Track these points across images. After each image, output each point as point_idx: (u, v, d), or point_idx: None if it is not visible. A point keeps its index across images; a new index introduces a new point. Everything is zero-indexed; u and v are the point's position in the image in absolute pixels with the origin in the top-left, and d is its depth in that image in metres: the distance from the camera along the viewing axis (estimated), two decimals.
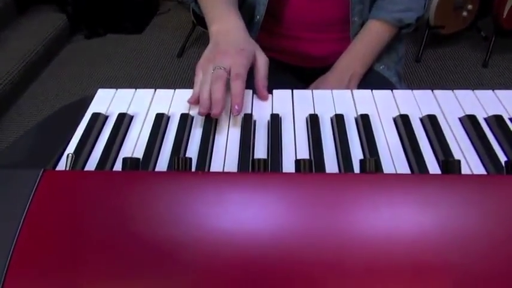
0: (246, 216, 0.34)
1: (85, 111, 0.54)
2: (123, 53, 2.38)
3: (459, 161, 0.38)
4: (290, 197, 0.35)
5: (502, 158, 0.45)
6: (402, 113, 0.51)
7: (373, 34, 0.77)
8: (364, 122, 0.49)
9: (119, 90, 0.57)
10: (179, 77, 2.18)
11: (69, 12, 2.42)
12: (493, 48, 2.09)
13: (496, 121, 0.49)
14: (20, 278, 0.30)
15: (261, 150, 0.47)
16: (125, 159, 0.40)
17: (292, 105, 0.54)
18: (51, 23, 2.35)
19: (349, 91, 0.56)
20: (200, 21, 2.23)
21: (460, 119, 0.51)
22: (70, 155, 0.41)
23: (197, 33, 2.36)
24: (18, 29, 2.28)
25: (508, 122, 0.49)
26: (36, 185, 0.34)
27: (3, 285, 0.30)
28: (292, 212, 0.34)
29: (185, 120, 0.51)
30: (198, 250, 0.32)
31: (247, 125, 0.50)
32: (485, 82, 2.00)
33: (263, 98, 0.56)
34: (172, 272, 0.31)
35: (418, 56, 2.14)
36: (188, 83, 2.12)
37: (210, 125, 0.50)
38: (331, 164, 0.45)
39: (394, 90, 0.56)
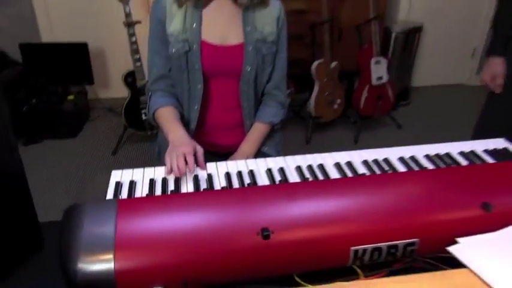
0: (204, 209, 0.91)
1: (107, 183, 1.08)
2: (60, 156, 2.83)
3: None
4: (220, 199, 0.93)
5: None
6: (269, 167, 1.14)
7: (257, 130, 1.45)
8: (251, 173, 1.11)
9: (124, 170, 1.13)
10: None
11: None
12: (360, 128, 2.97)
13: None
14: (124, 254, 0.83)
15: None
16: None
17: (216, 169, 1.14)
18: None
19: (244, 160, 1.19)
20: (132, 124, 2.82)
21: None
22: (117, 199, 0.96)
23: (128, 133, 2.92)
24: None
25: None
26: (116, 207, 0.88)
27: (115, 257, 0.82)
28: (222, 208, 0.92)
29: (164, 181, 1.08)
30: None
31: (196, 178, 1.09)
32: None
33: (203, 169, 1.16)
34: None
35: (307, 139, 2.93)
36: None
37: (179, 182, 1.08)
38: None
39: (266, 158, 1.19)
